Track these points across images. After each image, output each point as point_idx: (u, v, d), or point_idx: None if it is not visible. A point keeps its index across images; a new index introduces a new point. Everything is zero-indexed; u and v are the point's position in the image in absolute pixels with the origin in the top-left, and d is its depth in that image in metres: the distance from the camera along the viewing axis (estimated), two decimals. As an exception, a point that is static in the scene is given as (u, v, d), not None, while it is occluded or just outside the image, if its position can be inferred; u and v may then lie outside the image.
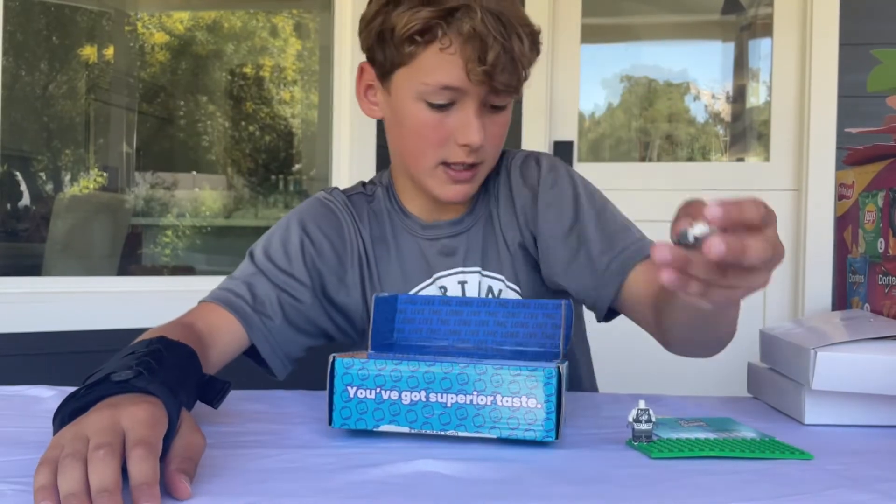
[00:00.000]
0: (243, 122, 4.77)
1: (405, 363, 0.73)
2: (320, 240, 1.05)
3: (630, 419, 0.76)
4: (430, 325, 0.93)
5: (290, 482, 0.61)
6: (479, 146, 0.98)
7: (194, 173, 4.86)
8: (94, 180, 4.23)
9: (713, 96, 3.12)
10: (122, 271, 3.63)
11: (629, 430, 0.76)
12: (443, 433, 0.73)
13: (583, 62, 2.69)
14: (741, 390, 1.04)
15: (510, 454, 0.70)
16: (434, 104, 0.97)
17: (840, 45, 2.46)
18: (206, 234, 4.46)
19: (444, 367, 0.73)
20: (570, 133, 2.67)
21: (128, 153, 4.24)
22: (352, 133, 2.46)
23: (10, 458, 0.67)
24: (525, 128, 2.56)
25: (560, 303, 0.91)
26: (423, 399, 0.73)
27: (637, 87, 3.11)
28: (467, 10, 0.93)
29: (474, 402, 0.72)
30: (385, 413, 0.73)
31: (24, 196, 3.90)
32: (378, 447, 0.72)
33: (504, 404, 0.72)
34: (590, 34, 2.77)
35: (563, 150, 2.62)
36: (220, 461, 0.66)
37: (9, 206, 3.78)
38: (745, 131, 2.98)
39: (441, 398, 0.73)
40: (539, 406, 0.71)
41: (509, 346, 0.91)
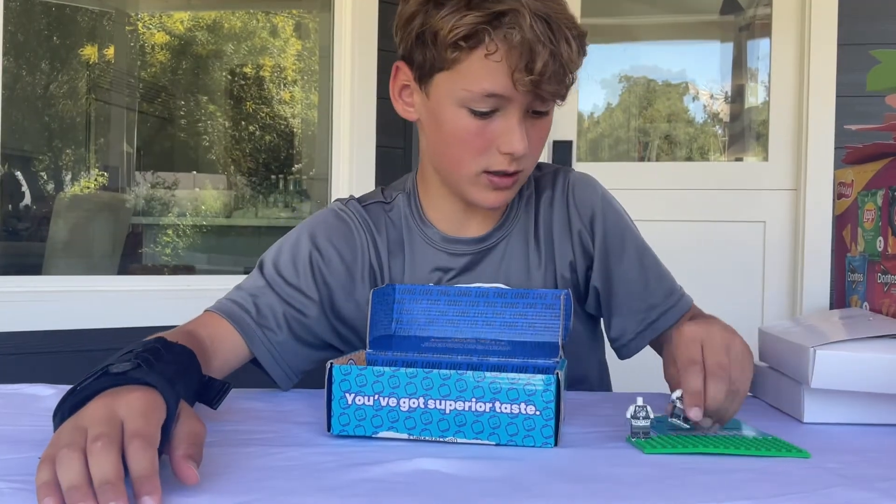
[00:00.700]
0: (243, 122, 4.77)
1: (403, 370, 0.73)
2: (330, 254, 1.03)
3: (628, 415, 0.76)
4: (429, 315, 0.93)
5: (290, 480, 0.61)
6: (521, 154, 0.94)
7: (194, 173, 4.86)
8: (95, 180, 4.23)
9: (712, 96, 3.12)
10: (123, 270, 3.63)
11: (627, 427, 0.76)
12: (442, 440, 0.73)
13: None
14: (740, 389, 1.04)
15: (509, 453, 0.70)
16: (476, 111, 0.93)
17: (838, 45, 2.46)
18: (207, 234, 4.46)
19: (443, 373, 0.72)
20: (569, 133, 2.67)
21: (128, 153, 4.24)
22: (351, 133, 2.46)
23: (9, 456, 0.67)
24: (525, 127, 2.56)
25: (560, 293, 0.90)
26: (422, 406, 0.72)
27: (636, 87, 3.11)
28: (515, 16, 0.88)
29: (473, 408, 0.72)
30: (384, 419, 0.73)
31: (24, 195, 3.90)
32: (378, 446, 0.72)
33: (503, 411, 0.72)
34: (589, 34, 2.77)
35: (562, 150, 2.62)
36: (221, 459, 0.66)
37: (10, 206, 3.78)
38: (743, 131, 2.98)
39: (439, 405, 0.72)
40: (538, 413, 0.71)
41: (508, 336, 0.91)
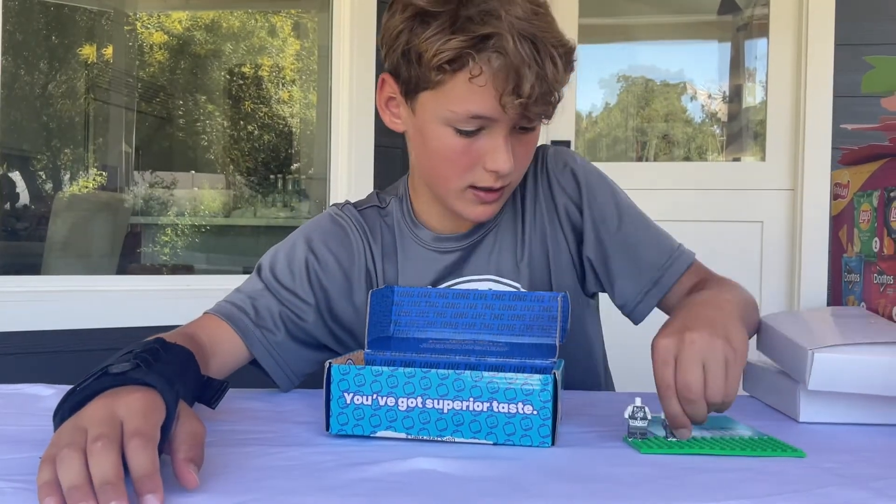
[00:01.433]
0: (242, 122, 4.77)
1: (401, 369, 0.73)
2: (327, 258, 1.04)
3: (626, 416, 0.76)
4: (427, 317, 0.93)
5: (288, 480, 0.62)
6: (507, 172, 0.94)
7: (193, 172, 4.86)
8: (94, 179, 4.23)
9: (710, 96, 3.13)
10: (122, 270, 3.63)
11: (625, 427, 0.76)
12: (439, 439, 0.73)
13: (580, 62, 2.69)
14: (737, 388, 1.04)
15: (507, 452, 0.71)
16: (462, 130, 0.93)
17: (835, 45, 2.46)
18: (205, 233, 4.46)
19: (441, 373, 0.73)
20: (567, 132, 2.67)
21: (127, 152, 4.24)
22: (350, 132, 2.46)
23: (9, 456, 0.67)
24: (523, 127, 2.57)
25: (557, 295, 0.90)
26: (420, 405, 0.73)
27: (634, 87, 3.11)
28: (500, 39, 0.87)
29: (470, 408, 0.72)
30: (382, 419, 0.74)
31: (23, 195, 3.89)
32: (376, 445, 0.72)
33: (500, 410, 0.72)
34: (587, 34, 2.77)
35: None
36: (220, 459, 0.66)
37: (8, 206, 3.78)
38: (741, 131, 2.98)
39: (437, 404, 0.73)
40: (535, 413, 0.72)
41: (505, 338, 0.91)
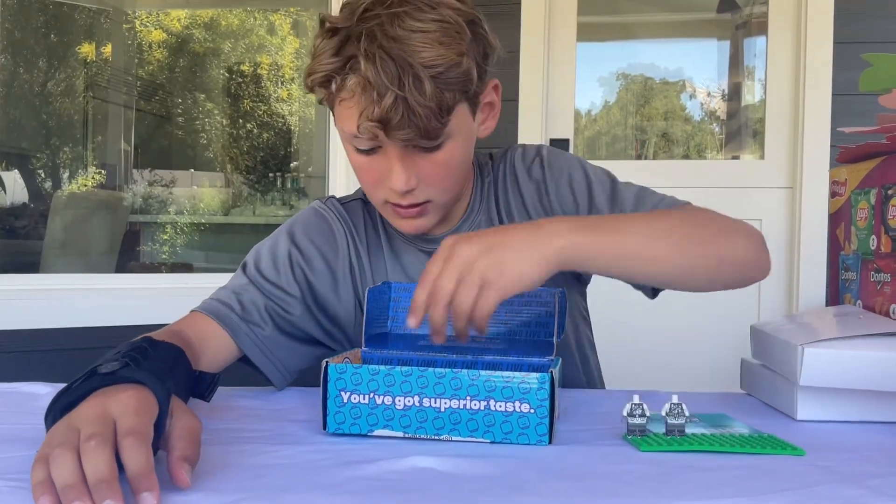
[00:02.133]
0: (241, 120, 4.77)
1: (398, 368, 0.73)
2: (310, 251, 1.04)
3: (624, 413, 0.76)
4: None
5: (285, 478, 0.62)
6: (405, 190, 0.94)
7: (192, 171, 4.86)
8: (93, 178, 4.23)
9: (709, 94, 3.13)
10: (121, 268, 3.63)
11: (623, 425, 0.76)
12: (436, 438, 0.73)
13: (579, 60, 2.69)
14: (734, 386, 1.04)
15: (504, 450, 0.71)
16: (359, 149, 0.94)
17: (834, 43, 2.46)
18: (204, 232, 4.47)
19: (438, 371, 0.73)
20: (566, 131, 2.67)
21: (126, 151, 4.24)
22: (349, 131, 2.46)
23: (5, 454, 0.67)
24: (521, 125, 2.57)
25: (554, 291, 0.90)
26: (417, 404, 0.73)
27: (633, 85, 3.11)
28: (364, 59, 0.86)
29: (468, 406, 0.72)
30: (379, 418, 0.74)
31: (22, 193, 3.89)
32: (373, 444, 0.72)
33: (497, 409, 0.72)
34: (586, 32, 2.77)
35: (559, 148, 2.63)
36: (216, 457, 0.66)
37: (7, 204, 3.78)
38: (740, 129, 2.98)
39: (434, 403, 0.73)
40: (532, 411, 0.72)
41: (503, 335, 0.91)
